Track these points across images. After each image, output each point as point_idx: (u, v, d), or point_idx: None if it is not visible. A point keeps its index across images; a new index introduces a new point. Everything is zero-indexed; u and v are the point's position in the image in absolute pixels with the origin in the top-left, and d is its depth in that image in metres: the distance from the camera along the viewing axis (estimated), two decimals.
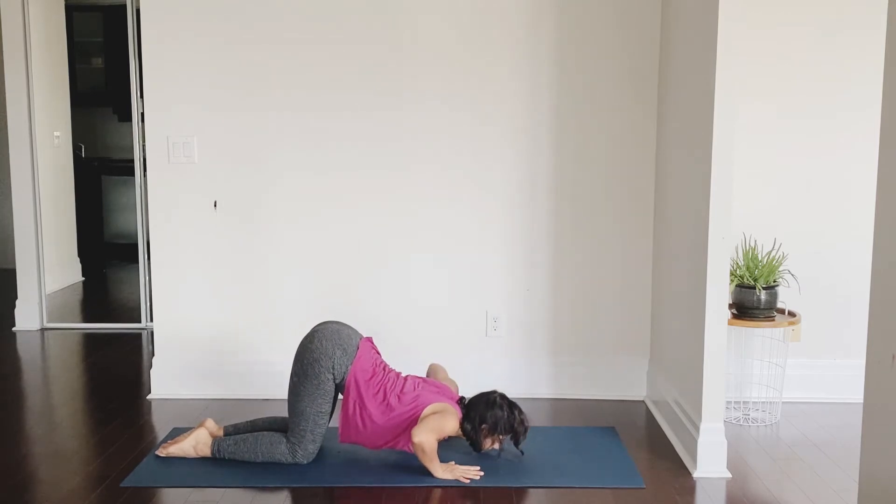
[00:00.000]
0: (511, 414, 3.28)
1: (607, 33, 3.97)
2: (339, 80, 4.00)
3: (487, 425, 3.25)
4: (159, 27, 3.97)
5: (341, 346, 3.26)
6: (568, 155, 4.04)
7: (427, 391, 3.30)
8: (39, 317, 5.58)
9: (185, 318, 4.14)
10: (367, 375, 3.26)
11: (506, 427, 3.27)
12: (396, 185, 4.07)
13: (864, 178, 3.82)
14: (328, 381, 3.23)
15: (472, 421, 3.27)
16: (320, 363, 3.23)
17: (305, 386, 3.23)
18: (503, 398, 3.31)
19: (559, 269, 4.12)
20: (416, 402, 3.24)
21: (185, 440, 3.33)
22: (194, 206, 4.08)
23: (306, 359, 3.26)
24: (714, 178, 3.12)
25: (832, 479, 3.21)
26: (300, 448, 3.24)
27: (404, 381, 3.33)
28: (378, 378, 3.28)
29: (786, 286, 3.86)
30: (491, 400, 3.29)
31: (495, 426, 3.25)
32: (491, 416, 3.25)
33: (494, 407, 3.27)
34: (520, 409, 3.32)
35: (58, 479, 3.21)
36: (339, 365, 3.24)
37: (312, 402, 3.23)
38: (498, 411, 3.26)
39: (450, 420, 3.22)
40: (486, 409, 3.27)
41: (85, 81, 7.50)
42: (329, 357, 3.23)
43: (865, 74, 3.84)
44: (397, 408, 3.22)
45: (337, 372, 3.24)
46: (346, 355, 3.25)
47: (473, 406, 3.30)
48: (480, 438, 3.27)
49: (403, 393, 3.26)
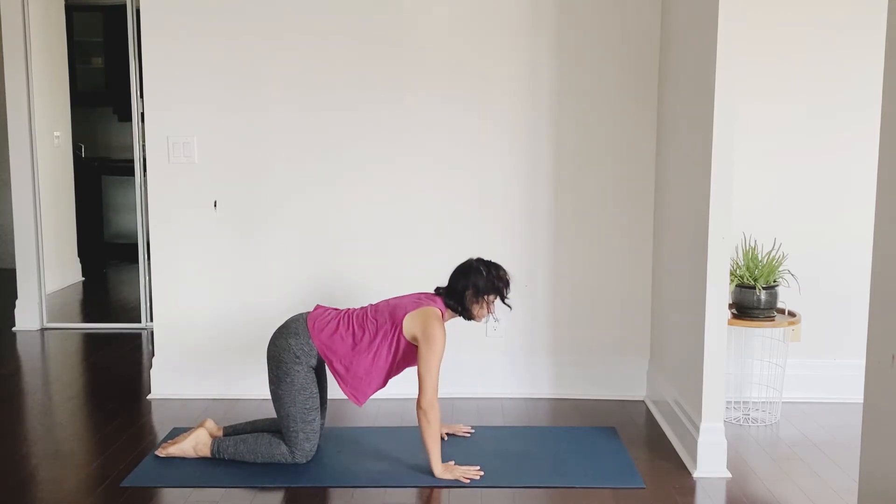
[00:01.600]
0: (489, 272, 3.30)
1: (607, 33, 3.97)
2: (339, 79, 4.00)
3: (470, 291, 3.28)
4: (159, 27, 3.97)
5: (292, 333, 3.27)
6: (568, 155, 4.04)
7: (401, 304, 3.29)
8: (39, 317, 5.58)
9: (185, 318, 4.14)
10: (328, 333, 3.25)
11: (487, 286, 3.29)
12: (396, 185, 4.07)
13: (864, 178, 3.82)
14: (300, 373, 3.23)
15: (455, 294, 3.30)
16: (285, 360, 3.24)
17: (282, 388, 3.24)
18: (479, 261, 3.35)
19: (559, 268, 4.12)
20: (393, 320, 3.24)
21: (185, 441, 3.33)
22: (194, 206, 4.08)
23: (272, 364, 3.28)
24: (714, 178, 3.12)
25: (832, 479, 3.21)
26: (296, 449, 3.25)
27: (374, 308, 3.33)
28: (341, 326, 3.28)
29: (786, 286, 3.86)
30: (467, 266, 3.33)
31: (477, 289, 3.27)
32: (471, 281, 3.28)
33: (471, 272, 3.30)
34: (497, 265, 3.34)
35: (58, 479, 3.21)
36: (300, 350, 3.24)
37: (294, 401, 3.23)
38: (476, 275, 3.29)
39: (434, 338, 3.18)
40: (466, 277, 3.30)
41: (85, 81, 7.50)
42: (287, 349, 3.24)
43: (865, 74, 3.85)
44: (375, 335, 3.23)
45: (304, 356, 3.24)
46: (299, 336, 3.26)
47: (454, 278, 3.34)
48: (470, 307, 3.30)
49: (378, 319, 3.26)
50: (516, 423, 3.82)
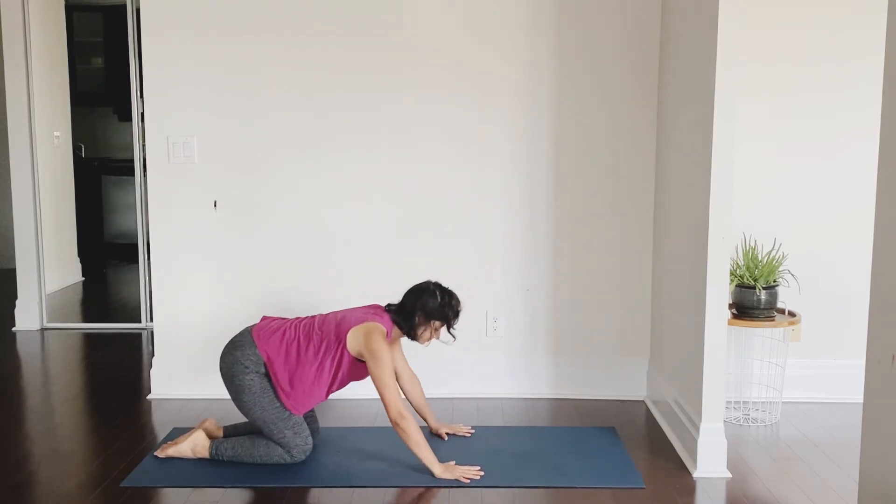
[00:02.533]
0: (443, 299, 3.29)
1: (607, 33, 3.97)
2: (338, 79, 4.00)
3: (420, 312, 3.27)
4: (159, 27, 3.97)
5: (237, 346, 3.29)
6: (568, 155, 4.04)
7: (347, 318, 3.27)
8: (39, 317, 5.58)
9: (186, 318, 4.14)
10: (274, 343, 3.25)
11: (437, 312, 3.27)
12: (396, 184, 4.07)
13: (863, 178, 3.82)
14: (254, 381, 3.23)
15: (404, 312, 3.29)
16: (235, 373, 3.25)
17: (244, 399, 3.25)
18: (436, 285, 3.34)
19: (559, 268, 4.12)
20: (338, 334, 3.22)
21: (184, 443, 3.33)
22: (194, 206, 4.08)
23: (226, 380, 3.30)
24: (714, 178, 3.12)
25: (832, 479, 3.21)
26: (292, 447, 3.24)
27: (322, 319, 3.31)
28: (287, 336, 3.27)
29: (786, 286, 3.86)
30: (422, 288, 3.32)
31: (427, 312, 3.27)
32: (422, 302, 3.27)
33: (426, 294, 3.29)
34: (451, 293, 3.33)
35: (58, 479, 3.20)
36: (247, 359, 3.24)
37: (262, 408, 3.23)
38: (429, 298, 3.28)
39: (378, 353, 3.15)
40: (418, 298, 3.29)
41: (85, 81, 7.50)
42: (234, 363, 3.25)
43: (865, 74, 3.85)
44: (319, 348, 3.22)
45: (252, 364, 3.24)
46: (245, 348, 3.27)
47: (406, 297, 3.33)
48: (416, 328, 3.28)
49: (323, 331, 3.25)
50: (516, 423, 3.82)
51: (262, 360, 3.25)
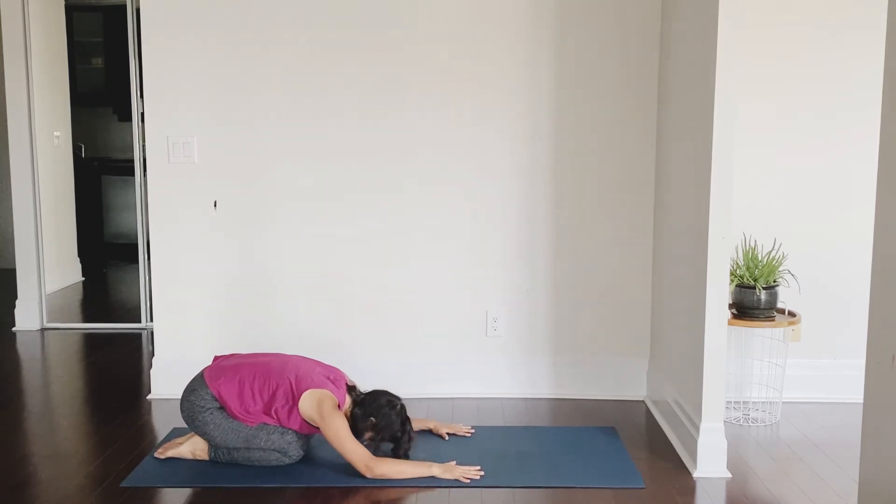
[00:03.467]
0: (402, 428, 3.25)
1: (607, 33, 3.97)
2: (338, 80, 4.00)
3: (375, 421, 3.23)
4: (159, 27, 3.97)
5: (191, 391, 3.31)
6: (568, 155, 4.04)
7: (301, 379, 3.23)
8: (39, 317, 5.58)
9: (185, 318, 4.14)
10: (226, 386, 3.25)
11: (388, 432, 3.24)
12: (396, 185, 4.07)
13: (864, 178, 3.82)
14: (215, 414, 3.24)
15: (364, 408, 3.24)
16: (196, 415, 3.26)
17: (216, 433, 3.24)
18: (403, 409, 3.29)
19: (559, 269, 4.12)
20: (293, 392, 3.20)
21: (183, 445, 3.33)
22: (194, 206, 4.08)
23: (191, 423, 3.31)
24: (714, 178, 3.12)
25: (832, 479, 3.21)
26: (284, 448, 3.24)
27: (280, 368, 3.28)
28: (241, 385, 3.25)
29: (786, 286, 3.86)
30: (393, 403, 3.27)
31: (381, 428, 3.23)
32: (384, 418, 3.23)
33: (392, 411, 3.24)
34: (412, 430, 3.30)
35: (58, 479, 3.20)
36: (202, 399, 3.26)
37: (235, 431, 3.23)
38: (394, 417, 3.24)
39: (332, 417, 3.14)
40: (379, 409, 3.24)
41: (85, 81, 7.49)
42: (191, 407, 3.27)
43: (865, 74, 3.84)
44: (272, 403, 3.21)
45: (208, 403, 3.25)
46: (197, 390, 3.29)
47: (374, 397, 3.28)
48: (362, 429, 3.22)
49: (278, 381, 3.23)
50: (516, 423, 3.82)
51: (216, 399, 3.26)
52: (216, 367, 3.36)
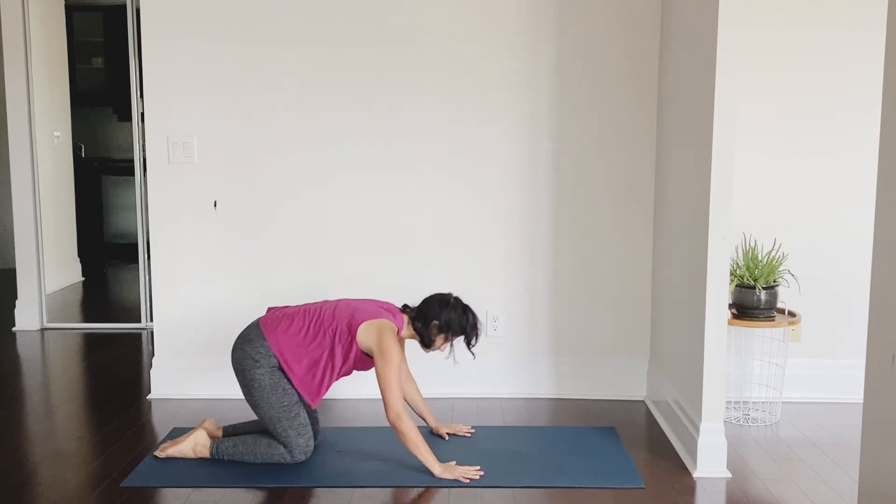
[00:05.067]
0: (464, 315, 3.30)
1: (607, 34, 3.97)
2: (338, 79, 4.00)
3: (440, 323, 3.26)
4: (159, 27, 3.97)
5: (245, 339, 3.29)
6: (568, 155, 4.04)
7: (360, 309, 3.27)
8: (39, 317, 5.58)
9: (185, 318, 4.14)
10: (280, 332, 3.25)
11: (457, 327, 3.28)
12: (396, 185, 4.07)
13: (864, 178, 3.82)
14: (263, 375, 3.23)
15: (424, 318, 3.28)
16: (245, 367, 3.25)
17: (254, 395, 3.24)
18: (458, 300, 3.33)
19: (559, 269, 4.12)
20: (350, 325, 3.22)
21: (184, 442, 3.33)
22: (194, 206, 4.08)
23: (237, 376, 3.30)
24: (714, 177, 3.12)
25: (832, 479, 3.21)
26: (292, 447, 3.24)
27: (333, 307, 3.31)
28: (295, 324, 3.27)
29: (786, 286, 3.86)
30: (445, 299, 3.32)
31: (448, 325, 3.27)
32: (444, 315, 3.27)
33: (448, 307, 3.29)
34: (474, 313, 3.34)
35: (58, 479, 3.20)
36: (256, 352, 3.24)
37: (270, 403, 3.23)
38: (451, 312, 3.28)
39: (388, 353, 3.16)
40: (440, 308, 3.28)
41: (85, 81, 7.50)
42: (244, 357, 3.25)
43: (865, 74, 3.84)
44: (326, 335, 3.22)
45: (262, 358, 3.24)
46: (252, 342, 3.27)
47: (427, 304, 3.32)
48: (432, 338, 3.28)
49: (335, 319, 3.25)
50: (516, 423, 3.82)
51: (272, 351, 3.25)
52: (271, 318, 3.34)
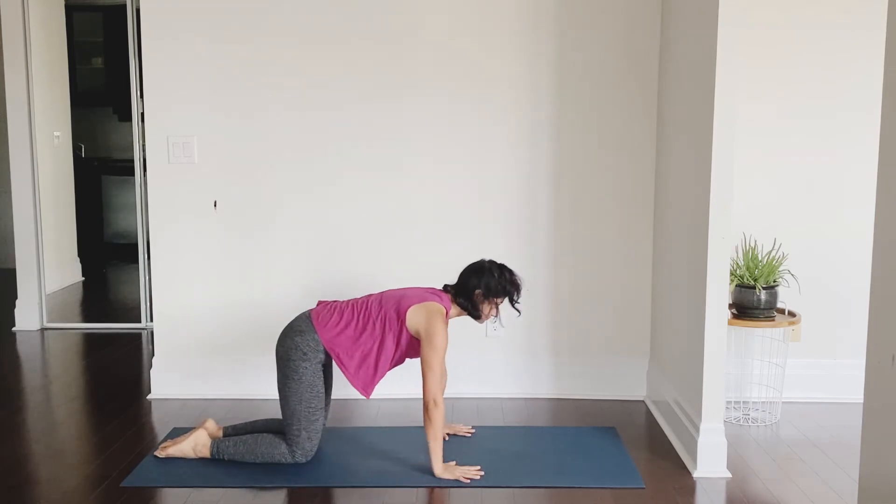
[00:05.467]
0: (501, 275, 3.31)
1: (607, 33, 3.97)
2: (338, 79, 4.00)
3: (481, 290, 3.28)
4: (159, 27, 3.97)
5: (297, 331, 3.27)
6: (568, 155, 4.04)
7: (406, 296, 3.29)
8: (39, 317, 5.58)
9: (185, 318, 4.14)
10: (332, 325, 3.26)
11: (498, 288, 3.29)
12: (396, 185, 4.07)
13: (864, 178, 3.83)
14: (308, 370, 3.23)
15: (465, 292, 3.30)
16: (292, 358, 3.24)
17: (290, 386, 3.24)
18: (492, 262, 3.35)
19: (559, 268, 4.12)
20: (398, 311, 3.23)
21: (185, 441, 3.33)
22: (194, 206, 4.08)
23: (280, 363, 3.29)
24: (714, 177, 3.12)
25: (832, 479, 3.21)
26: (298, 448, 3.24)
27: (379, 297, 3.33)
28: (345, 316, 3.28)
29: (786, 286, 3.86)
30: (478, 266, 3.34)
31: (488, 289, 3.28)
32: (483, 281, 3.28)
33: (484, 272, 3.31)
34: (510, 270, 3.35)
35: (58, 479, 3.21)
36: (306, 347, 3.24)
37: (300, 399, 3.23)
38: (488, 276, 3.29)
39: (436, 335, 3.19)
40: (478, 277, 3.30)
41: (85, 81, 7.50)
42: (293, 348, 3.24)
43: (865, 74, 3.84)
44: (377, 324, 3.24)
45: (311, 352, 3.24)
46: (304, 334, 3.26)
47: (465, 276, 3.34)
48: (479, 306, 3.30)
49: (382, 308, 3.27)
50: (516, 423, 3.82)
51: (323, 346, 3.25)
52: (322, 311, 3.34)
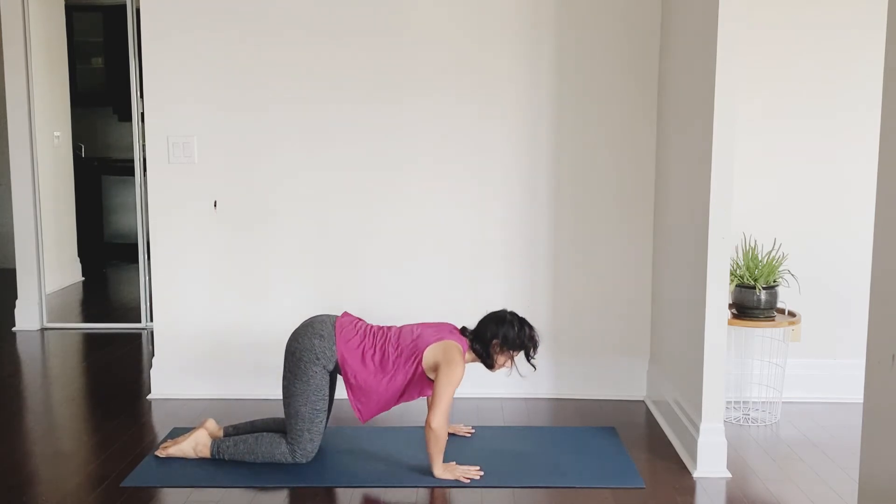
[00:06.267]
0: (521, 329, 3.30)
1: (607, 33, 3.97)
2: (338, 79, 4.00)
3: (498, 341, 3.27)
4: (159, 27, 3.97)
5: (317, 334, 3.26)
6: (568, 155, 4.04)
7: (424, 334, 3.28)
8: (39, 317, 5.58)
9: (185, 318, 4.14)
10: (353, 346, 3.25)
11: (516, 342, 3.28)
12: (396, 185, 4.07)
13: (864, 178, 3.83)
14: (317, 374, 3.22)
15: (483, 340, 3.28)
16: (304, 358, 3.22)
17: (297, 385, 3.23)
18: (513, 315, 3.33)
19: (559, 269, 4.12)
20: (414, 349, 3.22)
21: (185, 441, 3.33)
22: (194, 206, 4.08)
23: (291, 360, 3.26)
24: (714, 177, 3.12)
25: (832, 479, 3.21)
26: (299, 448, 3.24)
27: (398, 332, 3.32)
28: (369, 340, 3.27)
29: (786, 286, 3.86)
30: (500, 317, 3.32)
31: (506, 341, 3.27)
32: (502, 332, 3.27)
33: (504, 323, 3.29)
34: (530, 325, 3.34)
35: (58, 479, 3.21)
36: (322, 352, 3.23)
37: (306, 400, 3.22)
38: (508, 327, 3.28)
39: (456, 364, 3.17)
40: (497, 326, 3.28)
41: (85, 81, 7.50)
42: (310, 350, 3.23)
43: (865, 74, 3.84)
44: (396, 362, 3.22)
45: (324, 359, 3.23)
46: (324, 340, 3.24)
47: (484, 324, 3.32)
48: (493, 355, 3.29)
49: (400, 345, 3.25)
50: (516, 423, 3.82)
51: (336, 358, 3.24)
52: (346, 327, 3.30)
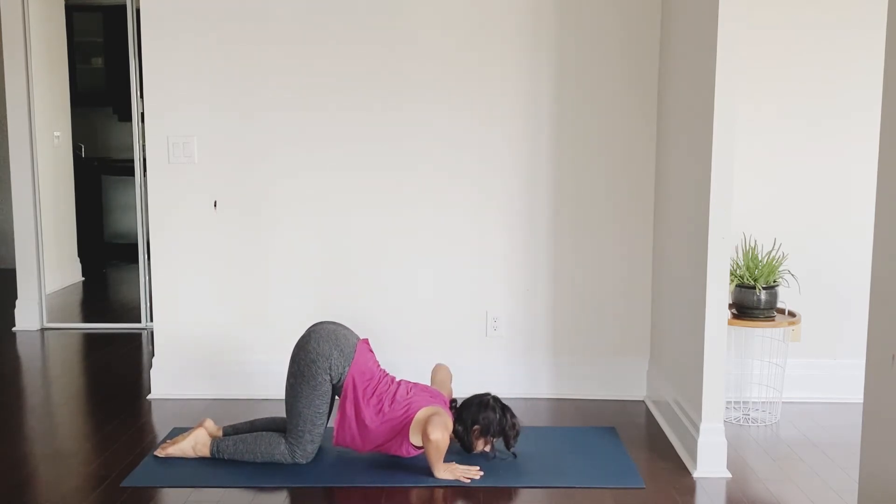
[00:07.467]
0: (503, 417, 3.27)
1: (607, 34, 3.97)
2: (338, 81, 3.99)
3: (479, 426, 3.25)
4: (159, 27, 3.97)
5: (338, 347, 3.25)
6: (568, 155, 4.04)
7: (419, 396, 3.28)
8: (39, 317, 5.58)
9: (185, 318, 4.14)
10: (364, 378, 3.25)
11: (497, 430, 3.26)
12: (396, 185, 4.07)
13: (864, 178, 3.83)
14: (325, 382, 3.22)
15: (463, 422, 3.27)
16: (317, 364, 3.21)
17: (302, 387, 3.23)
18: (496, 401, 3.31)
19: (559, 269, 4.12)
20: (407, 407, 3.22)
21: (184, 441, 3.33)
22: (194, 206, 4.08)
23: (303, 360, 3.24)
24: (714, 177, 3.12)
25: (832, 479, 3.21)
26: (298, 449, 3.24)
27: (397, 385, 3.32)
28: (374, 382, 3.28)
29: (786, 286, 3.86)
30: (484, 402, 3.29)
31: (487, 428, 3.25)
32: (483, 417, 3.25)
33: (487, 409, 3.26)
34: (512, 412, 3.31)
35: (58, 479, 3.21)
36: (336, 366, 3.23)
37: (310, 403, 3.22)
38: (490, 413, 3.26)
39: (447, 422, 3.20)
40: (479, 411, 3.26)
41: (85, 81, 7.50)
42: (326, 358, 3.22)
43: (865, 75, 3.84)
44: (389, 412, 3.21)
45: (334, 373, 3.23)
46: (343, 357, 3.24)
47: (466, 407, 3.30)
48: (472, 440, 3.27)
49: (396, 398, 3.25)
50: None
51: (344, 379, 3.23)
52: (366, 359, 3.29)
